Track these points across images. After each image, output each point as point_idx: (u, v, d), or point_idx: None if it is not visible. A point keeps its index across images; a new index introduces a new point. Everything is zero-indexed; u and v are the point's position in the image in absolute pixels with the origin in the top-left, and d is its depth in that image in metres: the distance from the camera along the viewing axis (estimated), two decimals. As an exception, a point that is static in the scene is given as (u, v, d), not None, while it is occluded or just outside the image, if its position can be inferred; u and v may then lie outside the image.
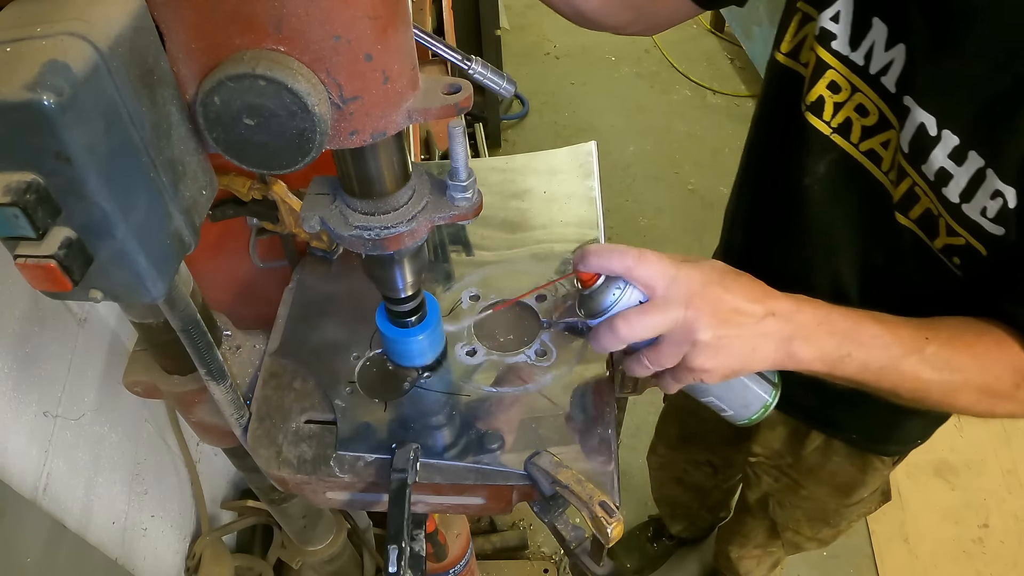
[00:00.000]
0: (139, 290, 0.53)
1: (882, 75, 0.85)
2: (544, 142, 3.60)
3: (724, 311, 0.70)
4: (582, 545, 0.78)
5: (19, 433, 0.90)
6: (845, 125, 0.90)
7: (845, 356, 0.74)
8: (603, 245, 0.72)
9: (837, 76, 0.88)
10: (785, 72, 0.96)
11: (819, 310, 0.75)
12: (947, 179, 0.79)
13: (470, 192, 0.69)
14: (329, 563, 1.41)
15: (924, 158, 0.81)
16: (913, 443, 1.22)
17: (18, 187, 0.42)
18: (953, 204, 0.80)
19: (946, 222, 0.83)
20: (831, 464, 1.25)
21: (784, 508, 1.44)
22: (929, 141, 0.80)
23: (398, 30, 0.55)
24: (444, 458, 0.78)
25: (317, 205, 0.69)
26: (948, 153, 0.79)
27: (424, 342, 0.84)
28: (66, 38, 0.43)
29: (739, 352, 0.71)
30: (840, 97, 0.89)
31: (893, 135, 0.86)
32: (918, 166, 0.82)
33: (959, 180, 0.79)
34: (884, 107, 0.86)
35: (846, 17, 0.85)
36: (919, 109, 0.80)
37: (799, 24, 0.93)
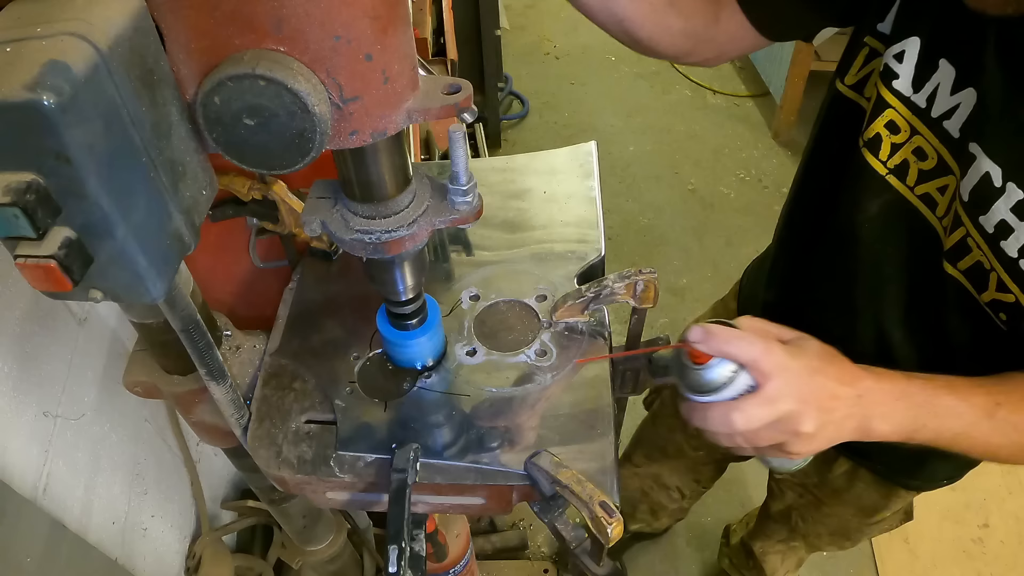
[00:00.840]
0: (139, 290, 0.53)
1: (945, 119, 0.82)
2: (544, 142, 3.60)
3: (825, 400, 0.73)
4: (582, 545, 0.78)
5: (19, 433, 0.90)
6: (902, 167, 0.88)
7: (920, 428, 0.77)
8: (731, 331, 0.73)
9: (896, 116, 0.86)
10: (846, 103, 0.94)
11: (897, 384, 0.77)
12: (1007, 233, 0.77)
13: (471, 196, 0.69)
14: (329, 563, 1.41)
15: (985, 209, 0.78)
16: (939, 483, 1.20)
17: (18, 187, 0.42)
18: (1010, 259, 0.78)
19: (998, 276, 0.80)
20: (856, 488, 1.24)
21: (806, 522, 1.43)
22: (992, 192, 0.77)
23: (398, 30, 0.55)
24: (444, 458, 0.78)
25: (319, 209, 0.70)
26: (1011, 207, 0.76)
27: (425, 344, 0.84)
28: (66, 38, 0.43)
29: (829, 436, 0.75)
30: (898, 138, 0.87)
31: (952, 181, 0.84)
32: (976, 217, 0.79)
33: (1020, 235, 0.76)
34: (944, 152, 0.83)
35: (911, 57, 0.83)
36: (985, 158, 0.77)
37: (866, 59, 0.91)
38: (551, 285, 0.95)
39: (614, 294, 0.87)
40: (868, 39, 0.90)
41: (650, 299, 0.87)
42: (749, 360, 0.72)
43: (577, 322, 0.90)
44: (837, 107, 0.96)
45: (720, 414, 0.73)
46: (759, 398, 0.72)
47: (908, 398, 0.77)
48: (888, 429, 0.77)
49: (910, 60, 0.83)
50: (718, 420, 0.73)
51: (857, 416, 0.75)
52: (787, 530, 1.53)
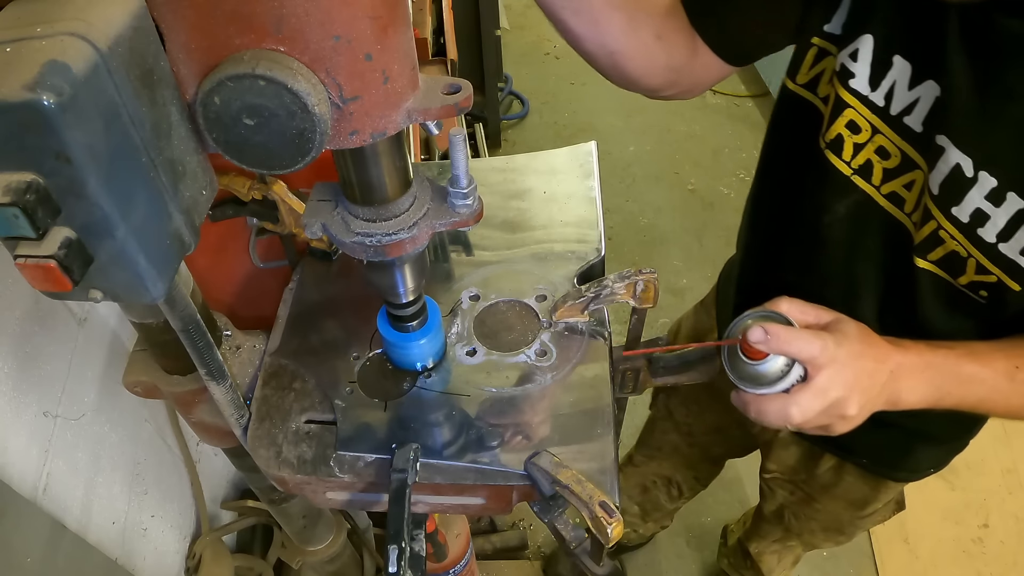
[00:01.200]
0: (139, 290, 0.53)
1: (905, 115, 0.82)
2: (544, 142, 3.60)
3: (865, 380, 0.77)
4: (582, 545, 0.78)
5: (19, 433, 0.90)
6: (866, 167, 0.88)
7: (945, 395, 0.82)
8: (789, 331, 0.77)
9: (856, 116, 0.86)
10: (800, 102, 0.94)
11: (923, 356, 0.81)
12: (983, 220, 0.78)
13: (471, 199, 0.69)
14: (329, 563, 1.41)
15: (958, 200, 0.79)
16: (926, 472, 1.21)
17: (18, 187, 0.42)
18: (989, 244, 0.79)
19: (977, 262, 0.81)
20: (844, 483, 1.25)
21: (799, 519, 1.44)
22: (965, 182, 0.78)
23: (398, 30, 0.55)
24: (444, 458, 0.78)
25: (319, 211, 0.70)
26: (985, 194, 0.77)
27: (425, 346, 0.84)
28: (66, 38, 0.43)
29: (867, 413, 0.79)
30: (860, 138, 0.87)
31: (919, 176, 0.84)
32: (948, 208, 0.80)
33: (997, 221, 0.77)
34: (908, 148, 0.84)
35: (866, 55, 0.83)
36: (955, 149, 0.77)
37: (815, 58, 0.91)
38: (551, 285, 0.95)
39: (614, 294, 0.87)
40: (815, 39, 0.90)
41: (650, 299, 0.87)
42: (808, 358, 0.76)
43: (577, 322, 0.90)
44: (790, 107, 0.96)
45: (777, 407, 0.77)
46: (812, 390, 0.76)
47: (933, 368, 0.81)
48: (916, 399, 0.81)
49: (865, 59, 0.83)
50: (775, 412, 0.77)
51: (888, 390, 0.79)
52: (781, 529, 1.54)
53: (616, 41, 0.94)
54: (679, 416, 1.55)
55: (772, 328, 0.76)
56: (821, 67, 0.91)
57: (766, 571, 1.75)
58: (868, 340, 0.79)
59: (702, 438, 1.55)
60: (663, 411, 1.60)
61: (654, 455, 1.70)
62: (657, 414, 1.64)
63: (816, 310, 0.82)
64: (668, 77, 1.01)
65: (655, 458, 1.71)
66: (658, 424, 1.64)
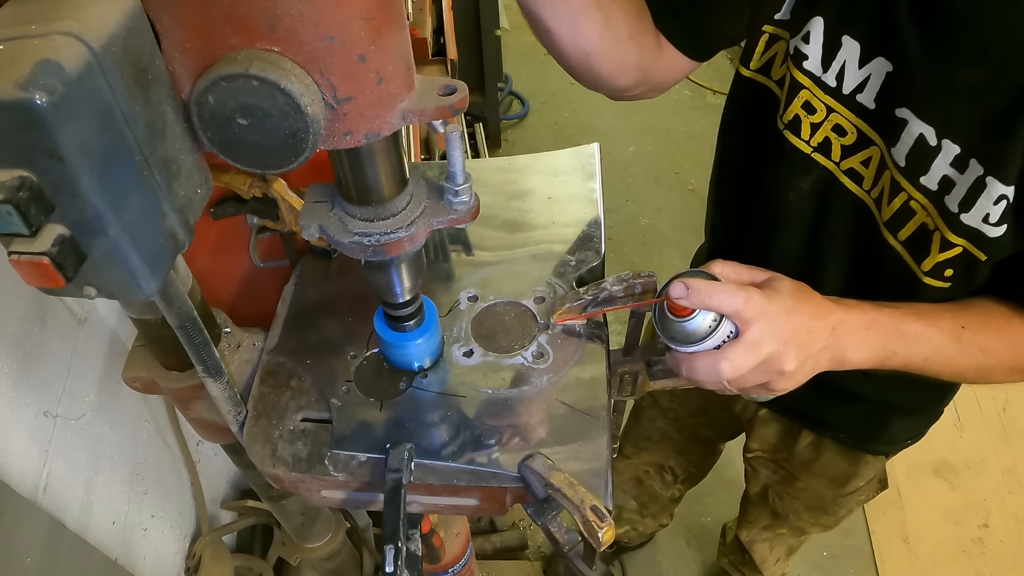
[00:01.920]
0: (132, 287, 0.53)
1: (858, 93, 0.84)
2: (544, 142, 3.60)
3: (803, 336, 0.76)
4: (575, 548, 0.78)
5: (19, 433, 0.90)
6: (825, 144, 0.89)
7: (891, 355, 0.81)
8: (710, 285, 0.74)
9: (811, 96, 0.87)
10: (754, 87, 0.96)
11: (867, 314, 0.80)
12: (950, 187, 0.79)
13: (467, 196, 0.69)
14: (328, 560, 1.42)
15: (925, 169, 0.80)
16: (903, 443, 1.23)
17: (11, 184, 0.42)
18: (952, 214, 0.80)
19: (941, 235, 0.82)
20: (823, 459, 1.27)
21: (783, 499, 1.45)
22: (929, 151, 0.79)
23: (392, 31, 0.55)
24: (438, 459, 0.78)
25: (316, 213, 0.70)
26: (950, 161, 0.78)
27: (421, 346, 0.84)
28: (59, 37, 0.43)
29: (809, 370, 0.77)
30: (816, 118, 0.89)
31: (875, 152, 0.86)
32: (916, 179, 0.81)
33: (960, 188, 0.78)
34: (863, 125, 0.86)
35: (817, 37, 0.84)
36: (916, 120, 0.79)
37: (767, 44, 0.93)
38: (550, 287, 0.95)
39: (612, 297, 0.87)
40: (767, 27, 0.91)
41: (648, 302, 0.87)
42: (731, 311, 0.74)
43: (575, 324, 0.90)
44: (745, 92, 0.97)
45: (707, 364, 0.75)
46: (743, 345, 0.74)
47: (878, 327, 0.80)
48: (861, 357, 0.79)
49: (816, 40, 0.85)
50: (705, 369, 0.75)
51: (832, 347, 0.78)
52: (768, 513, 1.55)
53: (592, 42, 0.96)
54: (664, 402, 1.56)
55: (692, 283, 0.74)
56: (773, 51, 0.92)
57: (759, 561, 1.75)
58: (804, 296, 0.78)
59: (689, 421, 1.56)
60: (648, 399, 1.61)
61: (643, 445, 1.71)
62: (642, 402, 1.65)
63: (751, 271, 0.80)
64: (637, 77, 1.03)
65: (645, 448, 1.71)
66: (644, 412, 1.65)
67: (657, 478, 1.80)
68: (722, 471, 1.79)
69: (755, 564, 1.76)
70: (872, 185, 0.88)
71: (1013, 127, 0.73)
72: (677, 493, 1.87)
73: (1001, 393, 2.49)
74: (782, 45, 0.90)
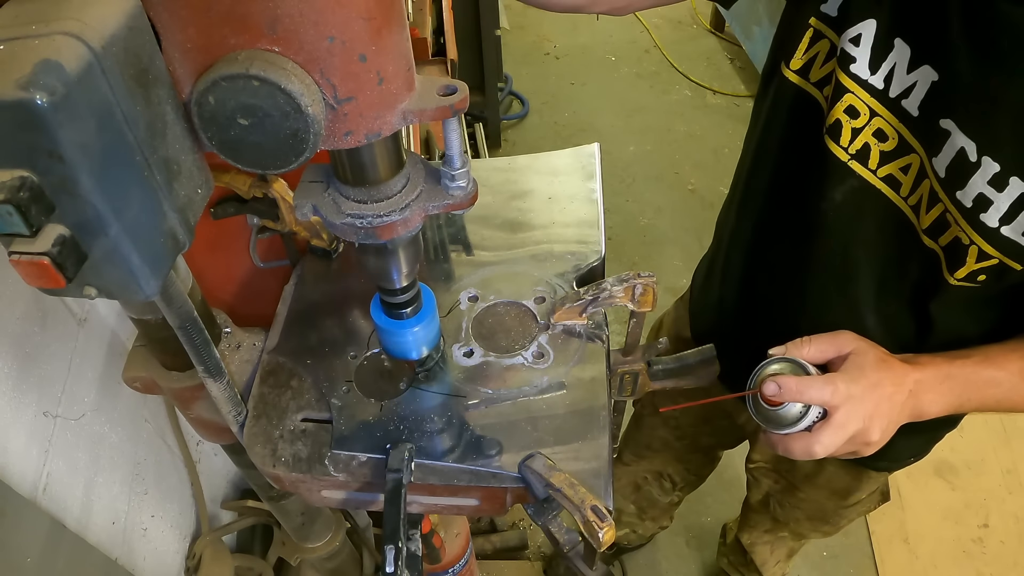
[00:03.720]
0: (132, 288, 0.53)
1: (903, 98, 0.82)
2: (544, 142, 3.60)
3: (884, 407, 0.84)
4: (575, 548, 0.78)
5: (19, 433, 0.90)
6: (863, 151, 0.88)
7: (966, 402, 0.87)
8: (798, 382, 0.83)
9: (855, 100, 0.85)
10: (796, 92, 0.93)
11: (940, 368, 0.87)
12: (986, 205, 0.79)
13: (464, 181, 0.67)
14: (328, 560, 1.42)
15: (962, 184, 0.79)
16: (907, 460, 1.23)
17: (12, 185, 0.42)
18: (991, 229, 0.80)
19: (979, 248, 0.82)
20: (826, 473, 1.26)
21: (784, 507, 1.45)
22: (969, 167, 0.78)
23: (392, 31, 0.55)
24: (439, 459, 0.78)
25: (310, 193, 0.68)
26: (988, 180, 0.77)
27: (419, 334, 0.83)
28: (60, 37, 0.43)
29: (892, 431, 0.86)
30: (858, 122, 0.87)
31: (915, 160, 0.84)
32: (953, 192, 0.80)
33: (1000, 205, 0.78)
34: (904, 131, 0.84)
35: (868, 40, 0.83)
36: (960, 133, 0.78)
37: (811, 41, 0.90)
38: (550, 287, 0.95)
39: (612, 297, 0.87)
40: (813, 21, 0.88)
41: (648, 303, 0.87)
42: (820, 403, 0.83)
43: (575, 324, 0.90)
44: (785, 95, 0.95)
45: (802, 445, 0.84)
46: (831, 427, 0.82)
47: (952, 379, 0.86)
48: (937, 409, 0.86)
49: (866, 43, 0.83)
50: (800, 450, 0.84)
51: (909, 405, 0.85)
52: (769, 519, 1.54)
53: None
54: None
55: (784, 381, 0.83)
56: (816, 50, 0.90)
57: (759, 563, 1.74)
58: (885, 367, 0.84)
59: (690, 430, 1.55)
60: (649, 407, 1.60)
61: (643, 453, 1.70)
62: (643, 410, 1.64)
63: (834, 342, 0.87)
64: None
65: (645, 456, 1.71)
66: (645, 420, 1.64)
67: (655, 485, 1.80)
68: (722, 471, 1.79)
69: (755, 565, 1.76)
70: (910, 192, 0.87)
71: None
72: (676, 499, 1.87)
73: (1001, 393, 2.49)
74: (826, 44, 0.88)
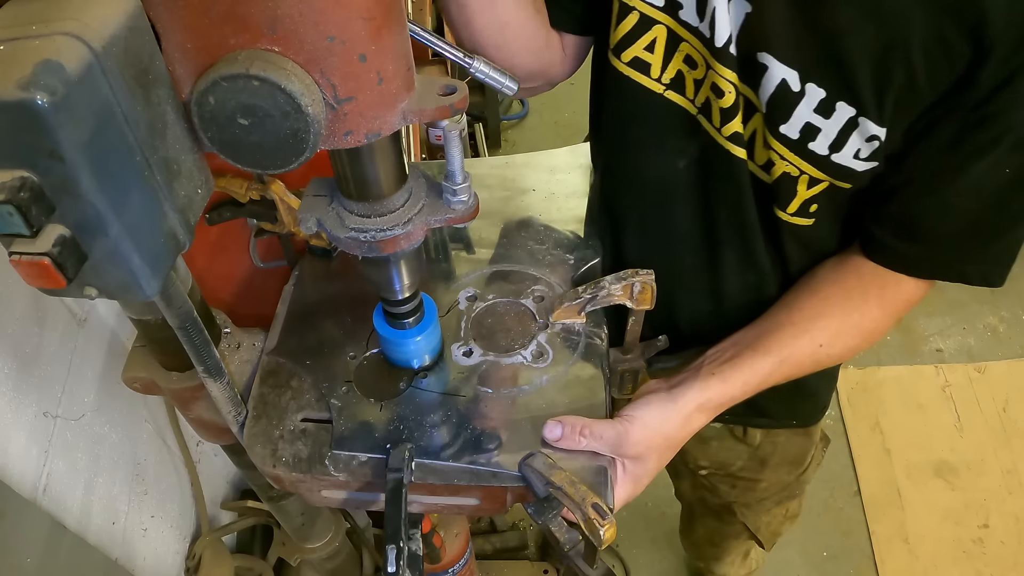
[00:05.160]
0: (133, 288, 0.53)
1: (729, 44, 0.78)
2: (544, 142, 3.60)
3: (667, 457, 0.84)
4: (575, 547, 0.78)
5: (19, 433, 0.90)
6: (706, 105, 0.85)
7: (728, 402, 0.85)
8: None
9: (691, 50, 0.82)
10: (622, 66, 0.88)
11: (706, 413, 0.84)
12: (815, 133, 0.77)
13: (466, 196, 0.69)
14: (328, 560, 1.42)
15: (786, 117, 0.78)
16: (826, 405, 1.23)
17: (12, 185, 0.42)
18: (821, 156, 0.79)
19: (810, 177, 0.81)
20: (779, 449, 1.24)
21: (751, 507, 1.39)
22: (792, 98, 0.76)
23: (392, 31, 0.55)
24: (439, 458, 0.78)
25: (314, 206, 0.70)
26: (814, 107, 0.76)
27: (421, 343, 0.84)
28: (60, 38, 0.43)
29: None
30: (697, 74, 0.84)
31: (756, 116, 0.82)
32: (777, 126, 0.79)
33: (828, 132, 0.77)
34: (736, 80, 0.80)
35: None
36: (779, 64, 0.76)
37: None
38: (549, 286, 0.95)
39: (611, 295, 0.87)
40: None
41: (647, 301, 0.87)
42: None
43: (574, 323, 0.91)
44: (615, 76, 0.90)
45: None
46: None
47: (705, 412, 0.84)
48: (699, 426, 0.85)
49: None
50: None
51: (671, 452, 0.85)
52: (733, 530, 1.49)
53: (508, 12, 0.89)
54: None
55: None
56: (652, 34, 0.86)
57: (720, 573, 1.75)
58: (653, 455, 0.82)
59: None
60: None
61: None
62: None
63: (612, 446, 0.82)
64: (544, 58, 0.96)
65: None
66: None
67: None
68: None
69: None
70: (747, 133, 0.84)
71: (885, 67, 0.72)
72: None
73: (1001, 393, 2.49)
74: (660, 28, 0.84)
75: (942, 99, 0.73)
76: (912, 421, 2.43)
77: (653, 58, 0.86)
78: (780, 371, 0.86)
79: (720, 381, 0.83)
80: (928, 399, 2.48)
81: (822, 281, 0.91)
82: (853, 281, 0.89)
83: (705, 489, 1.43)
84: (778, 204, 0.86)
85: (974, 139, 0.75)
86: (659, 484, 1.69)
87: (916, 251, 0.85)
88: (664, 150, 0.92)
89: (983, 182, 0.77)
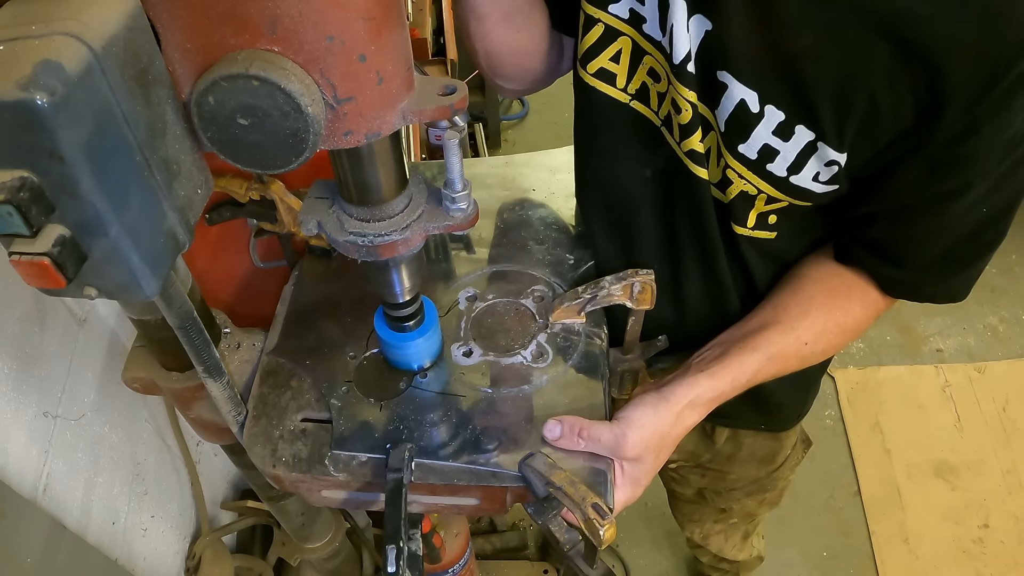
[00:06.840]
0: (133, 288, 0.53)
1: (687, 61, 0.78)
2: (544, 142, 3.60)
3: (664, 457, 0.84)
4: (576, 547, 0.78)
5: (19, 433, 0.90)
6: (668, 119, 0.85)
7: (719, 397, 0.86)
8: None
9: (655, 63, 0.82)
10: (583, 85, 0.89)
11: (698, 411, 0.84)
12: (773, 155, 0.77)
13: (465, 203, 0.69)
14: (328, 560, 1.42)
15: (745, 136, 0.77)
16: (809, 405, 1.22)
17: (12, 185, 0.42)
18: (779, 178, 0.79)
19: (767, 195, 0.81)
20: (745, 448, 1.25)
21: (721, 495, 1.42)
22: (751, 119, 0.76)
23: (392, 31, 0.55)
24: (439, 458, 0.78)
25: (316, 209, 0.70)
26: (772, 130, 0.75)
27: (421, 346, 0.84)
28: (60, 38, 0.44)
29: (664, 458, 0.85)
30: (661, 86, 0.83)
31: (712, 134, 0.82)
32: (735, 146, 0.78)
33: (786, 155, 0.77)
34: (694, 98, 0.80)
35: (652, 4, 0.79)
36: (738, 85, 0.75)
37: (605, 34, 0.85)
38: (548, 286, 0.95)
39: (610, 295, 0.87)
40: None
41: (647, 301, 0.87)
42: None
43: (574, 323, 0.91)
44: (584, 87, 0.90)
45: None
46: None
47: (696, 408, 0.84)
48: (692, 423, 0.85)
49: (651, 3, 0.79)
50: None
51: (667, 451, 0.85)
52: (712, 509, 1.50)
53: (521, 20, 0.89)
54: None
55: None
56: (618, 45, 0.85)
57: (716, 550, 1.71)
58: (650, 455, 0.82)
59: None
60: None
61: None
62: None
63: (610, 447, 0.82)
64: (551, 59, 0.97)
65: None
66: None
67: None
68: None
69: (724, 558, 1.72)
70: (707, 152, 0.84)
71: (846, 93, 0.71)
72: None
73: (1001, 393, 2.49)
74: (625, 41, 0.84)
75: (912, 130, 0.72)
76: (912, 421, 2.43)
77: (619, 69, 0.86)
78: (768, 368, 0.86)
79: (708, 377, 0.84)
80: (928, 399, 2.48)
81: (806, 280, 0.91)
82: (836, 281, 0.90)
83: (675, 482, 1.46)
84: (736, 221, 0.86)
85: (949, 179, 0.75)
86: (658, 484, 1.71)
87: (888, 271, 0.87)
88: (632, 158, 0.92)
89: (959, 220, 0.79)
